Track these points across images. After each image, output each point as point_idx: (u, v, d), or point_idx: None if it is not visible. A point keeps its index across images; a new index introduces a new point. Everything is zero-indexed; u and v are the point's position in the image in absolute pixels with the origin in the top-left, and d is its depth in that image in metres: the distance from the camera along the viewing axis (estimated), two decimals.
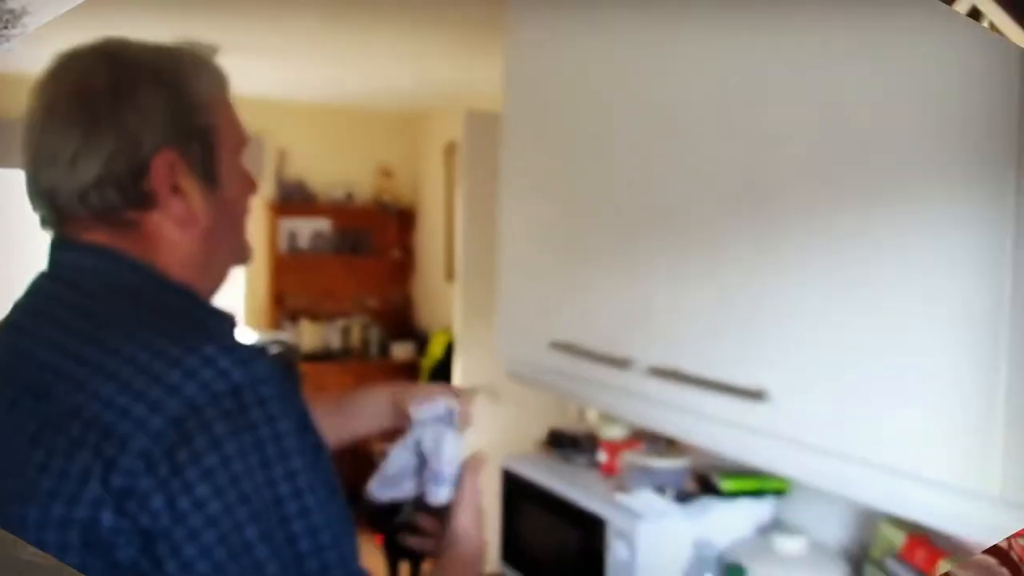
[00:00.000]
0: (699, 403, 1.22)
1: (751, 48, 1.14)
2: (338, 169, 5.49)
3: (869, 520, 1.39)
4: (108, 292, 0.80)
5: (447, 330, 4.53)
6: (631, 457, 1.57)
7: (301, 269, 5.32)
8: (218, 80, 0.90)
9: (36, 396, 0.74)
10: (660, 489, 1.53)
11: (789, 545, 1.43)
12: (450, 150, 5.05)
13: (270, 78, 4.47)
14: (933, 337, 0.91)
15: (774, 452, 1.11)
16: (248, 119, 0.95)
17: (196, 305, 0.86)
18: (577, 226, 1.53)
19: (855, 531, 1.45)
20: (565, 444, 1.76)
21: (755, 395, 1.10)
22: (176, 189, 0.84)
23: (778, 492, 1.55)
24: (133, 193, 0.82)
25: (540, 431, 1.86)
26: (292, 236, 5.52)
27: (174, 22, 3.37)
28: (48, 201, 0.83)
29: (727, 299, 1.17)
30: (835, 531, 1.48)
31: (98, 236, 0.83)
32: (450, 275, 4.36)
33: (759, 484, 1.54)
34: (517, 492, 1.73)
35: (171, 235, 0.84)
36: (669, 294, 1.28)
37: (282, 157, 5.18)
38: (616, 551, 1.42)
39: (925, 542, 1.26)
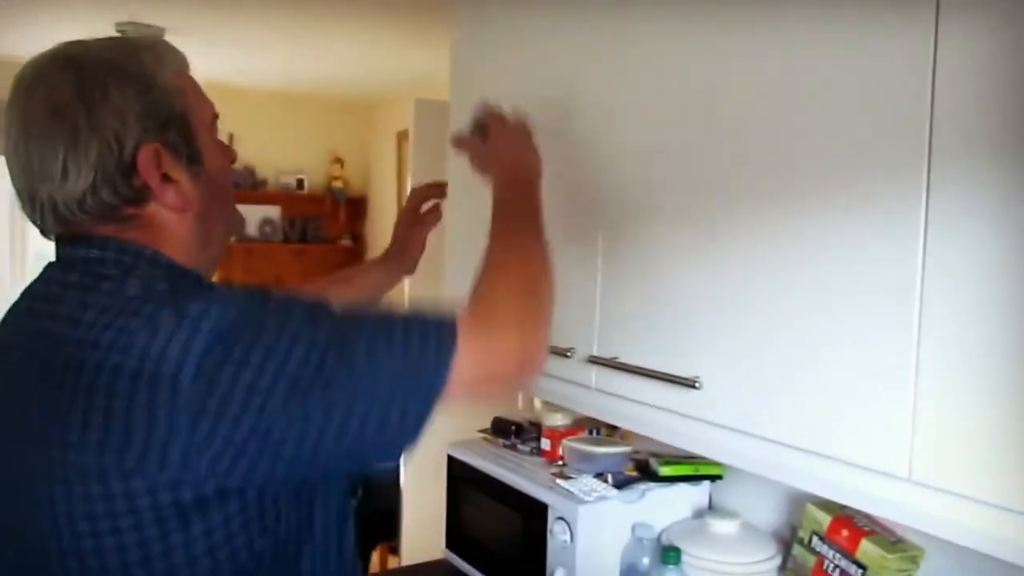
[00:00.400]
0: (637, 391, 1.26)
1: (701, 47, 1.18)
2: (288, 156, 5.44)
3: (798, 503, 1.45)
4: (120, 273, 0.83)
5: None
6: (573, 444, 1.61)
7: (249, 257, 5.26)
8: (178, 61, 0.92)
9: (70, 367, 0.76)
10: (601, 475, 1.58)
11: (723, 527, 1.49)
12: (402, 138, 5.04)
13: (219, 63, 4.41)
14: (852, 327, 0.96)
15: (708, 438, 1.16)
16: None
17: (199, 280, 0.90)
18: None
19: (785, 513, 1.51)
20: (508, 431, 1.79)
21: (689, 383, 1.15)
22: (166, 177, 0.87)
23: (714, 477, 1.61)
24: (127, 191, 0.85)
25: (485, 419, 1.89)
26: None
27: (131, 6, 3.32)
28: (49, 212, 0.86)
29: (663, 291, 1.22)
30: (767, 513, 1.54)
31: (103, 231, 0.86)
32: None
33: (695, 469, 1.59)
34: (461, 478, 1.76)
35: (169, 221, 0.88)
36: (609, 286, 1.32)
37: (231, 142, 5.12)
38: (557, 535, 1.46)
39: (848, 522, 1.33)
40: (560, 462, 1.66)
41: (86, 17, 3.48)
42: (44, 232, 0.90)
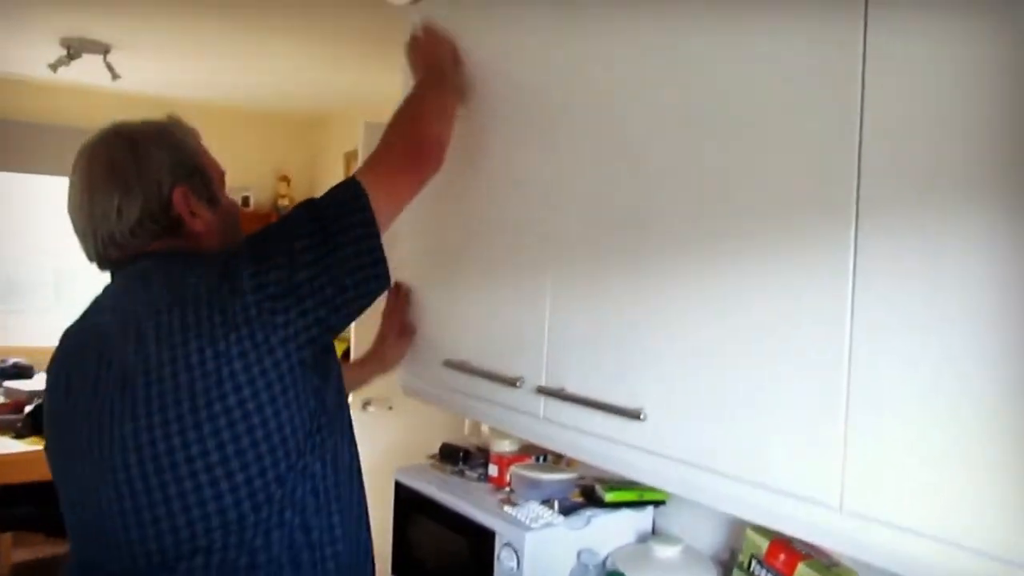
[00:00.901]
0: (584, 421, 1.29)
1: (639, 75, 1.22)
2: (235, 172, 5.35)
3: (738, 527, 1.50)
4: (178, 266, 1.14)
5: (343, 339, 4.51)
6: (520, 471, 1.63)
7: None
8: (194, 134, 1.30)
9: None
10: (547, 501, 1.60)
11: (666, 552, 1.53)
12: (350, 158, 5.03)
13: (166, 77, 4.36)
14: (787, 362, 1.00)
15: (651, 467, 1.19)
16: (142, 116, 1.28)
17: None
18: (470, 249, 1.58)
19: (726, 538, 1.56)
20: (456, 457, 1.81)
21: (633, 414, 1.18)
22: (193, 213, 1.23)
23: (657, 502, 1.65)
24: (165, 221, 1.21)
25: (434, 444, 1.91)
26: None
27: (76, 20, 3.27)
28: (109, 242, 1.19)
29: (609, 325, 1.25)
30: (708, 538, 1.59)
31: (157, 246, 1.20)
32: None
33: (639, 495, 1.63)
34: (409, 503, 1.77)
35: (199, 238, 1.24)
36: (557, 319, 1.35)
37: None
38: (504, 561, 1.48)
39: (786, 546, 1.38)
40: (507, 488, 1.68)
41: (32, 31, 3.43)
42: (101, 262, 1.22)
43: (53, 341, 1.24)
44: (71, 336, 1.21)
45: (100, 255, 1.21)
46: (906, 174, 0.89)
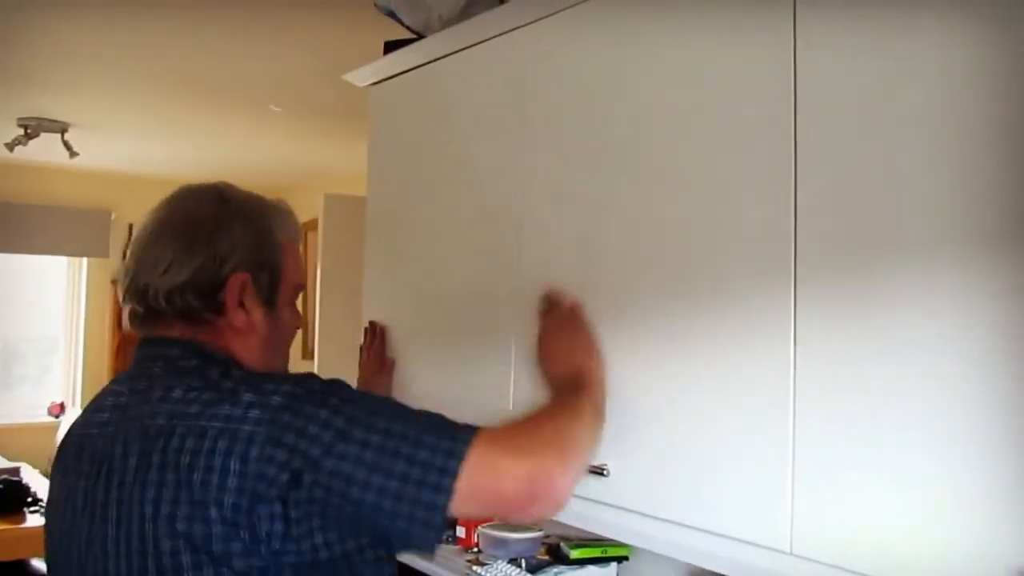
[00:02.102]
0: None
1: (591, 156, 1.33)
2: None
3: None
4: (200, 364, 1.00)
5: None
6: (487, 531, 1.68)
7: None
8: (294, 231, 1.16)
9: (163, 431, 0.92)
10: (514, 560, 1.65)
11: None
12: (310, 227, 5.09)
13: (124, 154, 4.41)
14: (738, 419, 1.09)
15: (615, 521, 1.26)
16: (97, 192, 1.17)
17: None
18: (435, 308, 1.65)
19: None
20: None
21: (598, 471, 1.25)
22: (242, 304, 1.05)
23: (621, 558, 1.71)
24: (209, 300, 1.03)
25: None
26: None
27: (34, 100, 3.32)
28: (141, 297, 1.04)
29: None
30: None
31: (179, 331, 1.04)
32: (308, 352, 4.38)
33: (603, 551, 1.69)
34: None
35: (237, 336, 1.06)
36: (523, 383, 1.42)
37: (131, 232, 5.08)
38: None
39: None
40: (475, 549, 1.72)
41: None
42: (132, 321, 1.07)
43: (4, 420, 1.15)
44: (75, 433, 1.07)
45: (128, 303, 1.07)
46: (838, 241, 1.00)
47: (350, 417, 0.90)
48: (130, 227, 5.05)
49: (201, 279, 1.03)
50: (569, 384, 1.17)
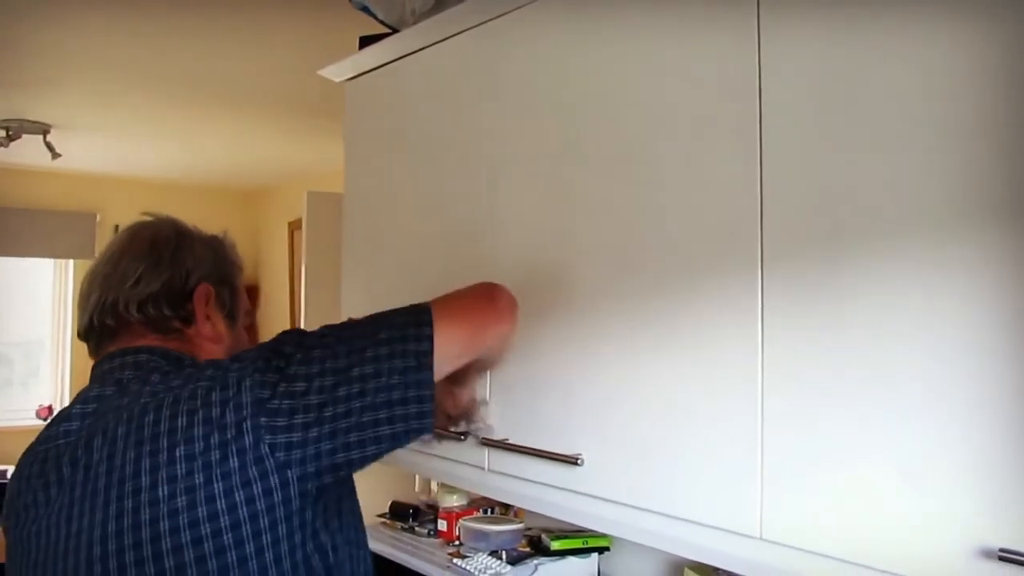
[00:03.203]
0: (526, 470, 1.37)
1: (558, 151, 1.33)
2: None
3: (677, 569, 1.57)
4: (171, 366, 1.03)
5: None
6: (468, 523, 1.69)
7: None
8: (240, 260, 1.25)
9: (148, 408, 0.94)
10: (495, 552, 1.66)
11: None
12: (294, 227, 5.09)
13: (107, 155, 4.40)
14: (707, 406, 1.10)
15: (590, 511, 1.26)
16: (82, 194, 1.38)
17: None
18: (411, 301, 1.65)
19: None
20: (406, 515, 1.86)
21: (572, 460, 1.26)
22: (208, 317, 1.12)
23: (601, 549, 1.72)
24: (179, 309, 1.10)
25: (384, 504, 1.95)
26: None
27: (14, 102, 3.30)
28: (110, 312, 1.07)
29: (547, 379, 1.34)
30: None
31: (148, 341, 1.07)
32: None
33: (584, 543, 1.70)
34: None
35: (204, 344, 1.11)
36: (498, 374, 1.43)
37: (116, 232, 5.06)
38: None
39: None
40: (456, 542, 1.73)
41: None
42: (88, 334, 1.10)
43: None
44: (35, 450, 1.04)
45: (92, 324, 1.08)
46: (805, 228, 1.00)
47: (328, 351, 0.97)
48: (116, 228, 5.03)
49: (171, 289, 1.09)
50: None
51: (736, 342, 1.07)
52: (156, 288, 1.08)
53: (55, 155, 3.83)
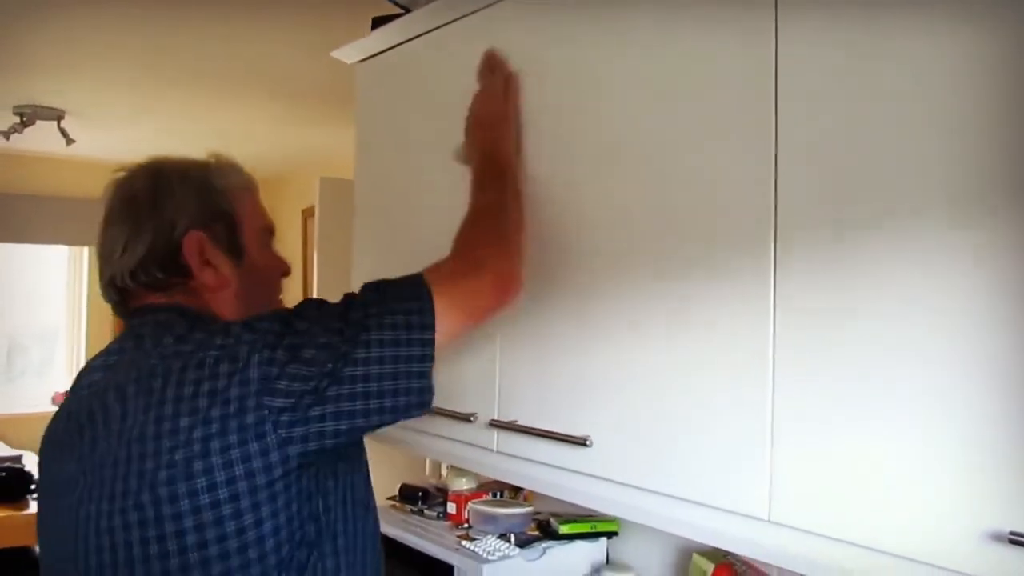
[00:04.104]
0: (535, 451, 1.36)
1: (572, 115, 1.32)
2: None
3: (686, 554, 1.57)
4: (185, 324, 1.00)
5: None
6: (476, 506, 1.69)
7: None
8: (239, 178, 1.15)
9: (155, 373, 0.94)
10: (504, 535, 1.66)
11: None
12: (308, 214, 5.10)
13: (121, 142, 4.41)
14: (718, 386, 1.09)
15: (598, 493, 1.26)
16: (96, 182, 1.18)
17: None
18: None
19: (674, 565, 1.62)
20: (415, 498, 1.86)
21: (580, 442, 1.26)
22: (207, 263, 1.07)
23: (610, 533, 1.72)
24: (172, 267, 1.06)
25: (393, 487, 1.95)
26: None
27: (28, 88, 3.32)
28: (111, 287, 1.07)
29: (556, 359, 1.33)
30: (658, 566, 1.65)
31: (156, 299, 1.06)
32: None
33: (592, 527, 1.70)
34: None
35: (211, 294, 1.08)
36: (507, 356, 1.43)
37: None
38: None
39: (729, 569, 1.45)
40: (465, 525, 1.73)
41: None
42: (115, 310, 1.10)
43: (6, 410, 1.18)
44: (65, 402, 1.08)
45: (106, 298, 1.10)
46: (818, 204, 0.99)
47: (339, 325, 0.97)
48: None
49: (157, 249, 1.05)
50: (488, 174, 1.29)
51: (747, 324, 1.06)
52: (142, 254, 1.04)
53: (69, 141, 3.84)
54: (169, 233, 1.05)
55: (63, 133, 3.77)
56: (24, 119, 3.63)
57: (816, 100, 1.00)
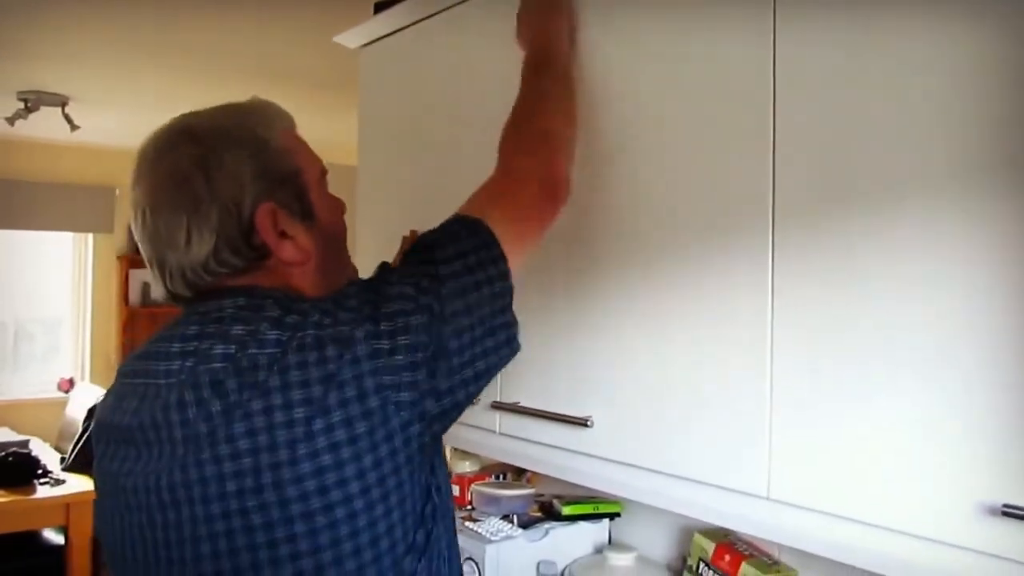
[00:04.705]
0: (537, 432, 1.38)
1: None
2: None
3: (687, 534, 1.58)
4: (254, 314, 0.89)
5: None
6: (480, 488, 1.70)
7: (154, 321, 5.20)
8: (285, 122, 1.02)
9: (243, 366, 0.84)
10: (507, 516, 1.68)
11: (620, 560, 1.60)
12: None
13: (124, 127, 4.42)
14: (717, 366, 1.10)
15: (600, 473, 1.27)
16: (100, 168, 1.08)
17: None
18: None
19: (676, 545, 1.64)
20: None
21: (581, 422, 1.27)
22: (283, 234, 0.95)
23: (612, 515, 1.73)
24: (247, 250, 0.94)
25: None
26: (145, 287, 5.39)
27: (32, 73, 3.33)
28: (179, 278, 0.94)
29: (558, 341, 1.34)
30: (661, 547, 1.67)
31: (231, 282, 0.94)
32: None
33: (595, 508, 1.71)
34: None
35: (291, 270, 0.97)
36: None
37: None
38: (467, 574, 1.55)
39: (730, 548, 1.46)
40: (469, 506, 1.75)
41: None
42: (173, 297, 0.97)
43: (13, 396, 1.10)
44: (118, 389, 0.97)
45: (169, 291, 0.97)
46: (816, 183, 1.00)
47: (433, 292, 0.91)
48: None
49: (229, 233, 0.92)
50: (536, 62, 1.22)
51: (746, 303, 1.07)
52: (212, 242, 0.92)
53: (73, 127, 3.85)
54: (236, 213, 0.92)
55: (67, 119, 3.78)
56: (28, 105, 3.64)
57: (812, 76, 1.00)
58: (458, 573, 1.02)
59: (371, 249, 1.83)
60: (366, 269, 1.68)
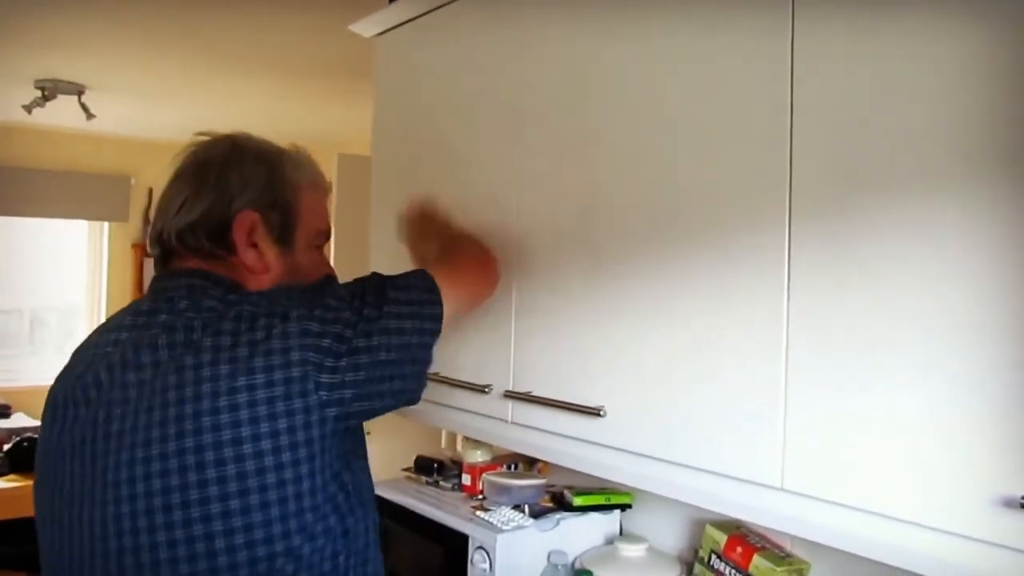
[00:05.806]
0: (549, 422, 1.38)
1: (587, 92, 1.32)
2: None
3: (699, 526, 1.58)
4: (219, 290, 1.03)
5: None
6: (491, 477, 1.70)
7: None
8: (311, 175, 1.17)
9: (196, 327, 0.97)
10: (518, 506, 1.67)
11: (631, 551, 1.60)
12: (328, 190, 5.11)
13: (140, 117, 4.43)
14: (732, 357, 1.10)
15: (612, 462, 1.27)
16: (116, 158, 1.34)
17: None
18: None
19: (688, 536, 1.63)
20: (431, 469, 1.88)
21: (594, 412, 1.27)
22: (253, 245, 1.07)
23: (624, 506, 1.73)
24: (218, 239, 1.06)
25: (408, 458, 1.97)
26: None
27: (49, 62, 3.34)
28: (156, 239, 1.08)
29: (570, 331, 1.34)
30: (672, 538, 1.66)
31: (193, 263, 1.07)
32: None
33: (607, 499, 1.71)
34: (386, 515, 1.83)
35: (246, 274, 1.08)
36: (523, 328, 1.44)
37: (151, 196, 5.12)
38: (477, 563, 1.55)
39: (742, 540, 1.46)
40: (480, 496, 1.75)
41: (5, 73, 3.49)
42: (155, 266, 1.11)
43: (28, 382, 1.18)
44: (75, 360, 1.08)
45: (150, 248, 1.12)
46: (832, 179, 0.99)
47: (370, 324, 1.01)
48: (150, 191, 5.09)
49: (210, 218, 1.06)
50: (443, 254, 1.39)
51: (761, 293, 1.06)
52: (194, 217, 1.06)
53: (89, 116, 3.86)
54: (226, 205, 1.06)
55: (84, 108, 3.79)
56: (45, 93, 3.65)
57: (830, 70, 0.99)
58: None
59: (385, 242, 1.83)
60: (378, 261, 1.68)
